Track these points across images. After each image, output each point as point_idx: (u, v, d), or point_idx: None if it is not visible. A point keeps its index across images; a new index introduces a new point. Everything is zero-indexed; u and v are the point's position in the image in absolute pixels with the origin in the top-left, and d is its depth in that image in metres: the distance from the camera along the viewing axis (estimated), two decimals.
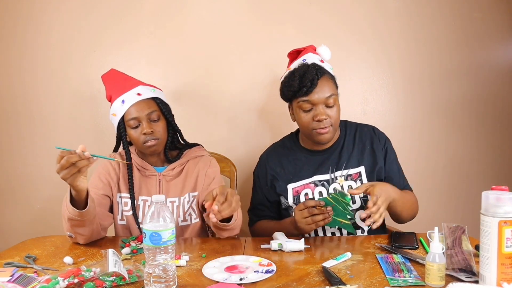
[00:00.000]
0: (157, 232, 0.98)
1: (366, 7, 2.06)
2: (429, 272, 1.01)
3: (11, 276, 1.09)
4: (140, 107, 1.51)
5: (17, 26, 2.06)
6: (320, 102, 1.46)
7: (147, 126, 1.50)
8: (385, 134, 1.63)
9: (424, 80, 2.09)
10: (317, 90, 1.45)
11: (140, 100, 1.52)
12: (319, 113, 1.46)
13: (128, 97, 1.52)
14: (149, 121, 1.51)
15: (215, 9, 2.06)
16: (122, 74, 1.62)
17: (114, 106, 1.55)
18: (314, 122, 1.47)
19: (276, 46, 2.04)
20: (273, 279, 1.07)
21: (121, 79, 1.60)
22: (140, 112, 1.50)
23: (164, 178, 1.58)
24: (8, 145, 2.11)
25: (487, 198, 0.96)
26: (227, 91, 2.07)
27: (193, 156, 1.64)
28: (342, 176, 1.54)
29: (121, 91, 1.54)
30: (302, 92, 1.45)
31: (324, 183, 1.54)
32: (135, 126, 1.51)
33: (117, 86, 1.57)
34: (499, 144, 2.13)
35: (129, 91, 1.53)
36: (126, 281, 1.06)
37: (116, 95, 1.55)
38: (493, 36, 2.08)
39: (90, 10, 2.05)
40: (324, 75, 1.49)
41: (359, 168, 1.55)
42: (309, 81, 1.44)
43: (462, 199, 2.11)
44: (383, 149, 1.58)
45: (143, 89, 1.55)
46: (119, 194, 1.56)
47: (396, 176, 1.58)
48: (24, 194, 2.12)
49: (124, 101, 1.52)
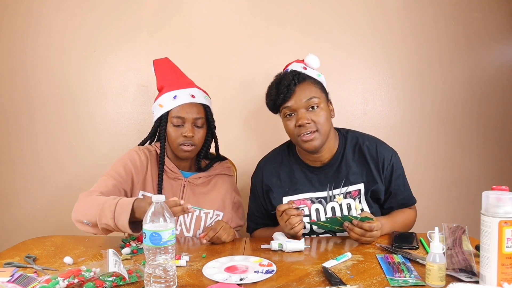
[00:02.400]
0: (157, 232, 0.98)
1: (366, 7, 2.05)
2: (430, 272, 1.01)
3: (11, 276, 1.09)
4: (191, 109, 1.50)
5: (17, 26, 2.06)
6: (300, 106, 1.42)
7: (190, 129, 1.48)
8: (391, 150, 1.55)
9: (424, 80, 2.09)
10: (295, 95, 1.42)
11: (193, 103, 1.51)
12: (300, 117, 1.41)
13: (182, 94, 1.51)
14: (193, 126, 1.50)
15: (215, 9, 2.06)
16: (176, 68, 1.60)
17: (164, 98, 1.51)
18: (297, 129, 1.43)
19: (276, 47, 2.05)
20: (273, 279, 1.07)
21: (177, 73, 1.58)
22: (189, 114, 1.49)
23: (189, 184, 1.56)
24: (9, 145, 2.11)
25: (487, 198, 0.96)
26: (227, 91, 2.07)
27: (221, 172, 1.63)
28: (341, 194, 1.49)
29: (176, 86, 1.53)
30: (280, 100, 1.43)
31: (321, 200, 1.50)
32: (178, 125, 1.49)
33: (172, 79, 1.56)
34: (499, 144, 2.12)
35: (184, 89, 1.52)
36: (126, 281, 1.05)
37: (169, 87, 1.53)
38: (493, 36, 2.08)
39: (89, 10, 2.05)
40: (305, 80, 1.45)
41: (358, 185, 1.49)
42: (285, 87, 1.41)
43: (462, 199, 2.11)
44: (388, 167, 1.50)
45: (197, 92, 1.55)
46: (142, 192, 1.52)
47: (401, 192, 1.53)
48: (25, 194, 2.12)
49: (176, 96, 1.50)
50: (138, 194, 1.50)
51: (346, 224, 1.32)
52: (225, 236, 1.38)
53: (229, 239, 1.40)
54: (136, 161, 1.51)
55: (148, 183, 1.52)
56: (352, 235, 1.32)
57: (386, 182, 1.51)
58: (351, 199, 1.49)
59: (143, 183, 1.52)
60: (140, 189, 1.51)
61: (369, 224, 1.29)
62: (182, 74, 1.60)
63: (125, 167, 1.49)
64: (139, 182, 1.50)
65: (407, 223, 1.53)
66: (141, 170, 1.51)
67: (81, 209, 1.34)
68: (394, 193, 1.52)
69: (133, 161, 1.51)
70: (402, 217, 1.52)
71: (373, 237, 1.31)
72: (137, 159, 1.52)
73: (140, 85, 2.08)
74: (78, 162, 2.09)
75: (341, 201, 1.49)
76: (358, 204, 1.49)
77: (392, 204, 1.54)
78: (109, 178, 1.46)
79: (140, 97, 2.09)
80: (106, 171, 1.50)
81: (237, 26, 2.06)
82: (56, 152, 2.10)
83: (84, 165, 2.08)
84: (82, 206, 1.35)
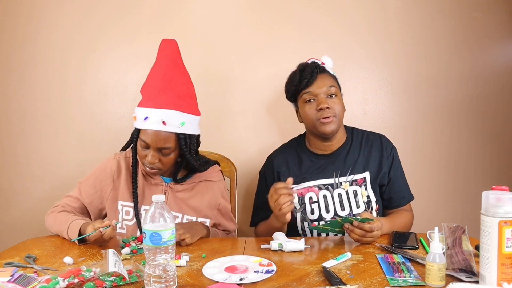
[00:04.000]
0: (157, 232, 0.98)
1: (366, 7, 2.05)
2: (429, 272, 1.01)
3: (11, 276, 1.09)
4: (157, 138, 1.37)
5: (17, 26, 2.06)
6: (322, 92, 1.52)
7: (153, 155, 1.39)
8: (392, 143, 1.64)
9: (424, 80, 2.08)
10: (317, 82, 1.53)
11: (161, 131, 1.37)
12: (321, 101, 1.51)
13: (153, 117, 1.36)
14: (159, 152, 1.40)
15: (215, 10, 2.05)
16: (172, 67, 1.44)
17: (138, 113, 1.41)
18: (317, 113, 1.52)
19: (276, 47, 2.05)
20: (273, 279, 1.07)
21: (166, 79, 1.41)
22: (155, 142, 1.38)
23: (171, 190, 1.53)
24: (9, 145, 2.11)
25: (487, 198, 0.96)
26: (227, 92, 2.07)
27: (206, 179, 1.57)
28: (347, 182, 1.55)
29: (153, 100, 1.38)
30: (303, 84, 1.53)
31: (328, 187, 1.55)
32: (144, 147, 1.42)
33: (156, 87, 1.41)
34: (499, 144, 2.12)
35: (158, 110, 1.37)
36: (126, 281, 1.05)
37: (146, 99, 1.40)
38: (492, 36, 2.08)
39: (89, 10, 2.05)
40: (324, 71, 1.57)
41: (364, 173, 1.56)
42: (308, 74, 1.53)
43: (462, 199, 2.11)
44: (389, 156, 1.60)
45: (173, 116, 1.37)
46: (120, 202, 1.50)
47: (399, 181, 1.59)
48: (25, 194, 2.12)
49: (147, 118, 1.37)
50: (117, 204, 1.50)
51: (347, 226, 1.32)
52: (189, 239, 1.34)
53: (194, 240, 1.37)
54: (106, 174, 1.52)
55: (124, 191, 1.50)
56: (352, 236, 1.33)
57: (388, 168, 1.59)
58: (357, 186, 1.55)
59: (116, 193, 1.50)
60: (119, 199, 1.50)
61: (369, 225, 1.30)
62: (171, 81, 1.42)
63: (95, 183, 1.52)
64: (111, 193, 1.51)
65: (405, 224, 1.56)
66: (110, 183, 1.51)
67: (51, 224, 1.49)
68: (394, 180, 1.59)
69: (104, 174, 1.52)
70: (401, 218, 1.55)
71: (374, 237, 1.32)
72: (108, 171, 1.52)
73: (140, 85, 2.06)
74: (78, 162, 2.09)
75: (347, 188, 1.55)
76: (364, 191, 1.54)
77: (392, 194, 1.58)
78: (74, 199, 1.52)
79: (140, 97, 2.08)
80: (80, 180, 1.55)
81: (237, 26, 2.05)
82: (57, 152, 2.10)
83: (84, 165, 2.08)
84: (49, 223, 1.51)
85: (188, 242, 1.35)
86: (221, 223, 1.58)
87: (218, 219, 1.57)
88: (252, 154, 2.05)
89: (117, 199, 1.51)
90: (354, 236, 1.32)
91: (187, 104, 1.43)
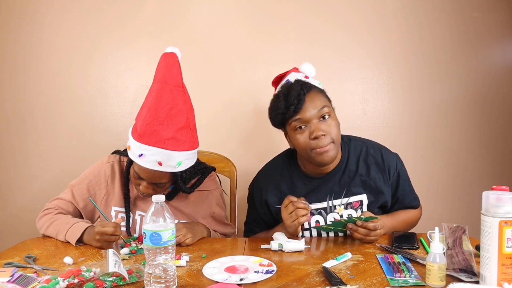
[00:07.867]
0: (157, 232, 0.98)
1: (365, 7, 2.05)
2: (430, 272, 1.01)
3: (11, 276, 1.09)
4: (152, 176, 1.34)
5: (20, 28, 2.06)
6: (313, 117, 1.33)
7: (147, 188, 1.38)
8: (394, 155, 1.52)
9: (424, 80, 2.08)
10: (306, 105, 1.33)
11: (156, 171, 1.32)
12: (315, 129, 1.33)
13: (149, 157, 1.29)
14: (153, 185, 1.38)
15: (216, 12, 2.05)
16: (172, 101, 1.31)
17: (132, 145, 1.32)
18: (312, 142, 1.34)
19: (276, 48, 2.05)
20: (273, 279, 1.07)
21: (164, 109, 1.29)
22: (148, 179, 1.35)
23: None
24: (9, 145, 2.11)
25: (487, 198, 0.96)
26: (227, 92, 2.07)
27: (202, 189, 1.53)
28: (342, 205, 1.45)
29: (147, 137, 1.28)
30: (290, 112, 1.33)
31: (321, 211, 1.46)
32: (137, 178, 1.39)
33: (151, 118, 1.29)
34: (499, 144, 2.12)
35: (154, 150, 1.28)
36: (126, 281, 1.05)
37: (141, 134, 1.29)
38: (492, 35, 2.08)
39: (91, 12, 2.05)
40: (311, 89, 1.37)
41: (360, 196, 1.45)
42: (295, 98, 1.32)
43: (462, 199, 2.11)
44: (393, 175, 1.48)
45: (168, 157, 1.29)
46: (114, 208, 1.49)
47: (408, 196, 1.52)
48: (24, 194, 2.12)
49: (142, 155, 1.29)
50: (111, 210, 1.49)
51: (350, 226, 1.31)
52: (189, 240, 1.34)
53: (195, 240, 1.37)
54: (100, 177, 1.51)
55: (117, 196, 1.49)
56: (356, 236, 1.32)
57: (393, 189, 1.49)
58: (352, 210, 1.45)
59: (109, 198, 1.49)
60: (112, 204, 1.49)
61: (373, 224, 1.29)
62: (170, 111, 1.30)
63: (89, 186, 1.50)
64: (104, 197, 1.49)
65: (409, 222, 1.53)
66: (104, 186, 1.50)
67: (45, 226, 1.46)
68: (402, 198, 1.51)
69: (98, 179, 1.51)
70: (404, 215, 1.52)
71: (377, 236, 1.31)
72: (102, 175, 1.51)
73: (140, 85, 2.08)
74: (78, 162, 2.08)
75: (341, 212, 1.45)
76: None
77: (401, 207, 1.53)
78: (67, 203, 1.50)
79: (140, 97, 2.04)
80: (72, 183, 1.54)
81: (237, 28, 2.06)
82: (57, 152, 2.10)
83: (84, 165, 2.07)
84: (43, 224, 1.47)
85: (190, 243, 1.35)
86: (217, 229, 1.57)
87: (213, 226, 1.55)
88: (252, 154, 2.05)
89: (110, 204, 1.50)
90: (358, 235, 1.31)
91: (185, 139, 1.33)
